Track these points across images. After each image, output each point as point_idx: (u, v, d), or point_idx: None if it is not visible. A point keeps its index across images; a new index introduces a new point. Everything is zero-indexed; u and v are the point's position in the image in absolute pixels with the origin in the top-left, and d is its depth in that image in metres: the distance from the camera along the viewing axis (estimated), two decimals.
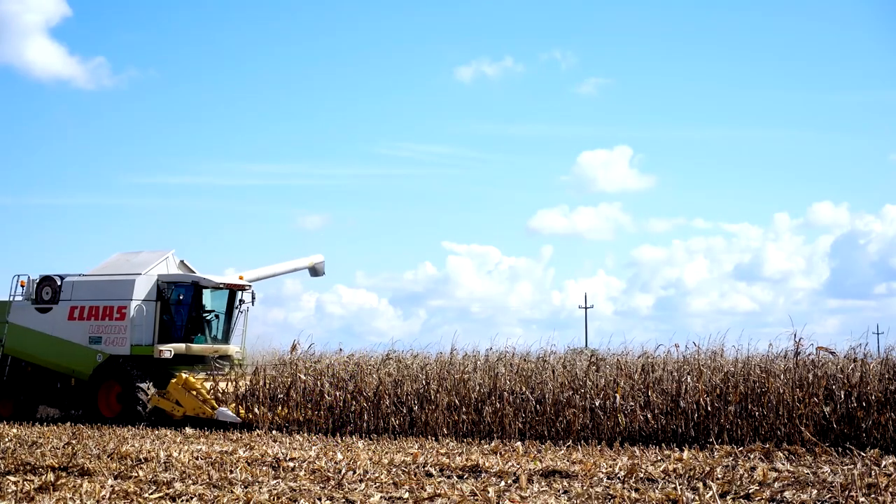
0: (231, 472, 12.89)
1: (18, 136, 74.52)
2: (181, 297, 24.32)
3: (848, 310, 74.55)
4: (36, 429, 21.45)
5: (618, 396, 18.81)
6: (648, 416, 18.45)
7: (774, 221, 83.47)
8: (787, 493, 10.94)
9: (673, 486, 11.57)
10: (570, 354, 25.47)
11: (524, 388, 19.91)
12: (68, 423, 23.42)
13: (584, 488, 11.57)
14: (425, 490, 11.41)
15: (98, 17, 74.91)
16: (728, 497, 10.93)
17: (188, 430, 21.00)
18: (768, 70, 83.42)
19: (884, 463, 13.77)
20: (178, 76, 76.67)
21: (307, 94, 79.90)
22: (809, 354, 18.49)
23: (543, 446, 17.28)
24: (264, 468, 13.38)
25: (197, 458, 14.52)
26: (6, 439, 17.96)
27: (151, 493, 11.07)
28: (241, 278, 25.37)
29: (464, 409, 20.11)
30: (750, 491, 11.17)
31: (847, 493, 10.72)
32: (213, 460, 14.33)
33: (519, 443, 17.49)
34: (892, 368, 17.53)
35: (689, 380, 18.54)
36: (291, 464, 13.91)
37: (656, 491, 11.18)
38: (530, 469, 13.31)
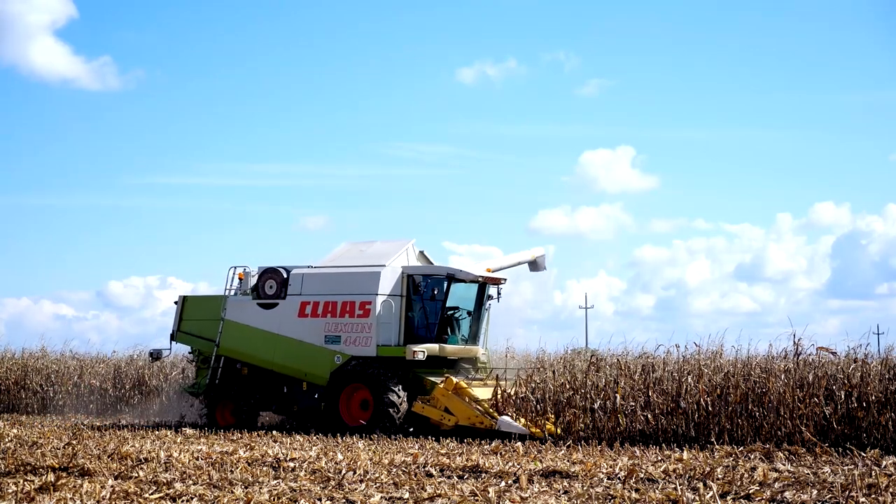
0: (231, 472, 12.90)
1: (22, 136, 74.51)
2: (435, 292, 21.60)
3: (849, 310, 74.54)
4: (36, 429, 21.46)
5: (618, 396, 18.80)
6: (649, 416, 18.45)
7: (777, 222, 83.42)
8: (787, 494, 10.94)
9: (673, 486, 11.57)
10: (570, 354, 25.53)
11: (525, 389, 19.87)
12: (68, 424, 23.41)
13: (585, 489, 11.57)
14: (425, 490, 11.41)
15: (104, 18, 74.86)
16: (728, 497, 10.93)
17: (188, 431, 21.00)
18: (770, 71, 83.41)
19: (884, 463, 13.78)
20: (180, 76, 76.62)
21: (308, 94, 79.89)
22: (810, 354, 18.51)
23: (543, 446, 17.28)
24: (264, 468, 13.38)
25: (197, 459, 14.53)
26: (6, 439, 17.96)
27: (152, 494, 11.07)
28: (488, 270, 22.60)
29: None
30: (750, 491, 11.17)
31: (847, 493, 10.73)
32: (214, 461, 14.34)
33: (519, 443, 17.49)
34: (892, 368, 17.53)
35: (689, 380, 18.54)
36: (292, 464, 13.92)
37: (656, 491, 11.18)
38: (530, 469, 13.33)
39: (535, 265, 24.50)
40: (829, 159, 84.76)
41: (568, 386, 19.45)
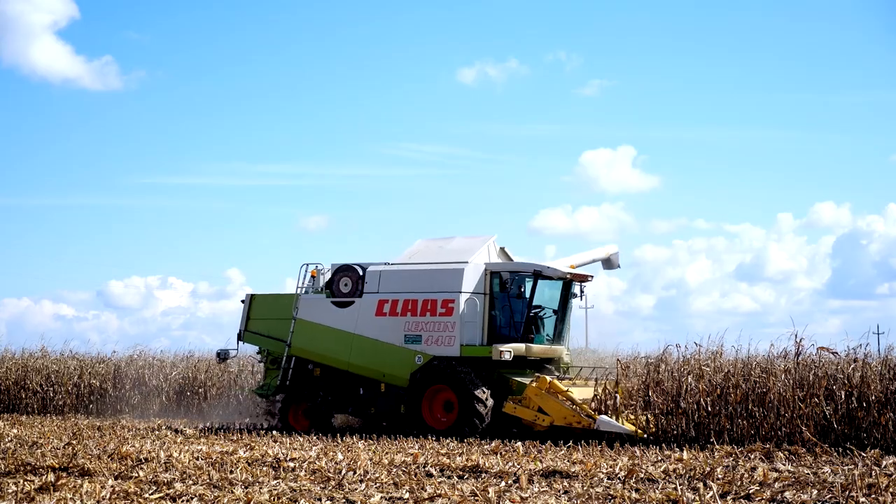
0: (231, 472, 12.90)
1: (23, 136, 74.45)
2: (521, 290, 20.87)
3: (850, 310, 74.42)
4: (36, 429, 21.46)
5: (618, 396, 18.81)
6: (649, 416, 18.44)
7: (777, 222, 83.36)
8: (787, 494, 10.95)
9: (673, 486, 11.58)
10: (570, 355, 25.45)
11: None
12: (68, 423, 23.40)
13: (585, 488, 11.58)
14: (425, 490, 11.42)
15: (105, 18, 74.74)
16: (728, 497, 10.93)
17: (188, 431, 21.00)
18: (770, 71, 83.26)
19: (884, 463, 13.79)
20: (182, 77, 76.48)
21: (309, 94, 79.72)
22: (810, 354, 18.50)
23: (544, 446, 17.28)
24: (264, 468, 13.39)
25: (197, 459, 14.52)
26: (6, 439, 17.97)
27: (152, 494, 11.08)
28: (572, 267, 21.87)
29: None
30: (750, 491, 11.18)
31: (847, 493, 10.73)
32: (214, 461, 14.34)
33: (519, 443, 17.49)
34: (892, 368, 17.52)
35: (689, 380, 18.53)
36: (292, 464, 13.92)
37: (657, 491, 11.19)
38: (530, 469, 13.33)
39: (608, 262, 23.91)
40: (829, 159, 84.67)
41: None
